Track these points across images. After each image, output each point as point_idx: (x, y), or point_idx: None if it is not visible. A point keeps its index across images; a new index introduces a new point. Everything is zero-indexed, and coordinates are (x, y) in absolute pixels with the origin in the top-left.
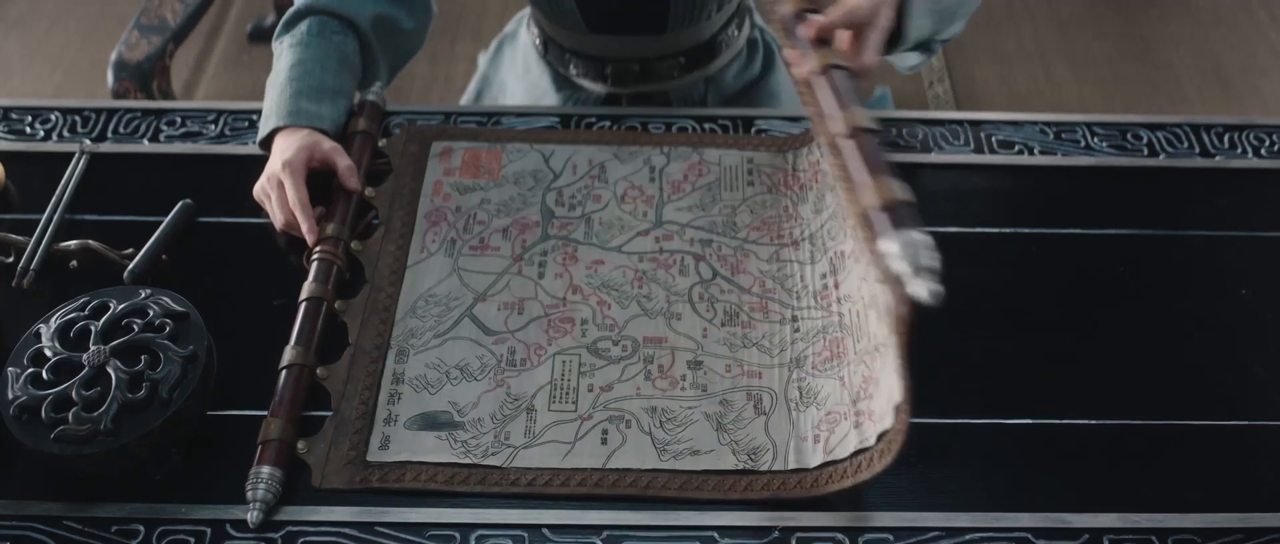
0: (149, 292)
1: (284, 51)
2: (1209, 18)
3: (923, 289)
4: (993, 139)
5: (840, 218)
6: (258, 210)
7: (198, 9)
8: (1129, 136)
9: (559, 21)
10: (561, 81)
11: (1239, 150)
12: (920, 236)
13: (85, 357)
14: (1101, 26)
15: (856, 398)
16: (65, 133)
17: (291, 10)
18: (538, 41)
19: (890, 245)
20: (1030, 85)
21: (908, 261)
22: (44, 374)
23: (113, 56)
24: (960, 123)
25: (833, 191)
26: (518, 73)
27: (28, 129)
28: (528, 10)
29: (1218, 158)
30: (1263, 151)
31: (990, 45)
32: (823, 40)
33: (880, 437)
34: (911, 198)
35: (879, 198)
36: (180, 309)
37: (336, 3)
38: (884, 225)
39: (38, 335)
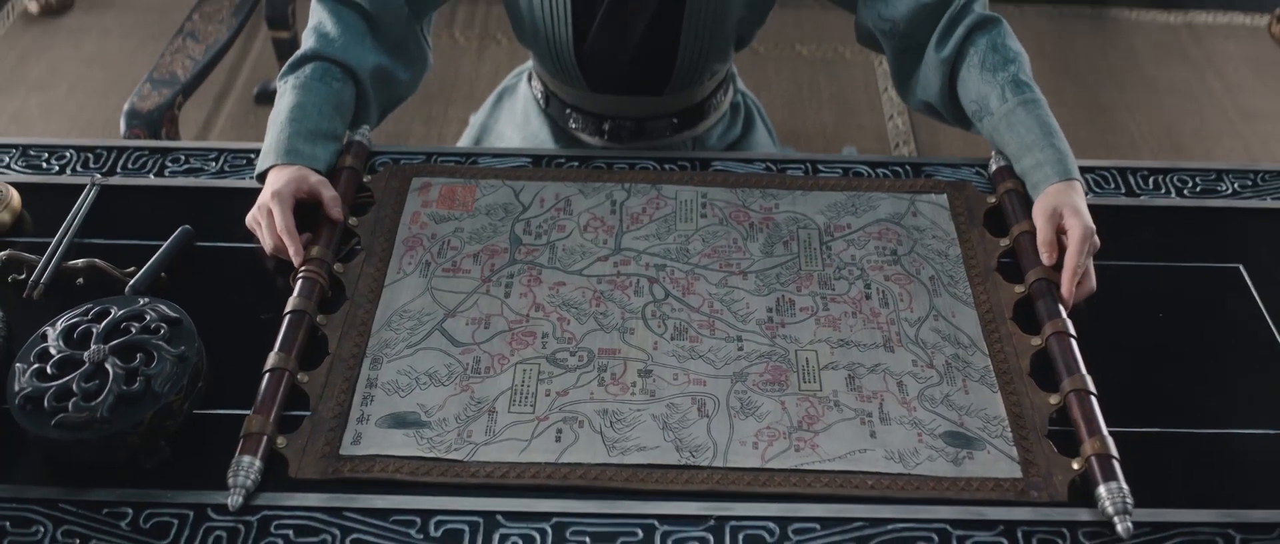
0: (147, 300)
1: (287, 91)
2: (1164, 86)
3: (1122, 527)
4: (934, 179)
5: (793, 276)
6: (251, 237)
7: (207, 65)
8: None
9: (562, 79)
10: (560, 134)
11: (1163, 190)
12: (1124, 487)
13: (86, 354)
14: (1061, 96)
15: (798, 427)
16: (78, 168)
17: (299, 52)
18: (540, 95)
19: (1102, 490)
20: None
21: (1112, 504)
22: (48, 369)
23: (125, 106)
24: (902, 164)
25: (786, 244)
26: (517, 123)
27: (44, 164)
28: (530, 64)
29: (1143, 197)
30: (1185, 192)
31: None
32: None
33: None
34: (1117, 454)
35: (1094, 450)
36: (174, 315)
37: (341, 52)
38: (1096, 474)
39: (44, 336)
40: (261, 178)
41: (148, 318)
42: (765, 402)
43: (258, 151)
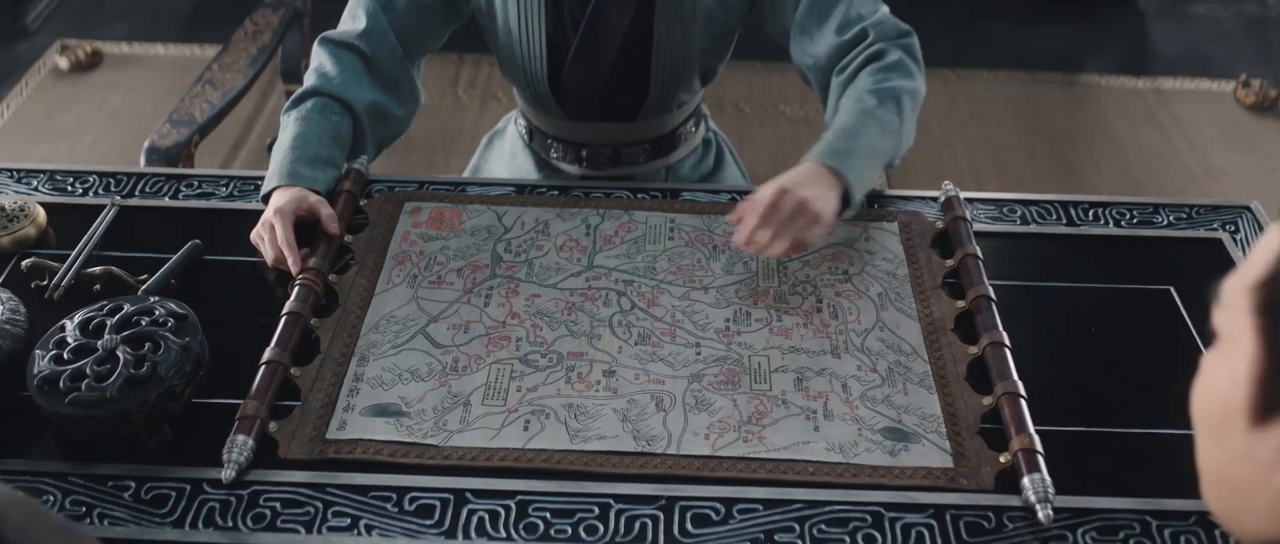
0: (157, 298)
1: (290, 123)
2: (1131, 146)
3: (1042, 515)
4: (887, 209)
5: (750, 291)
6: (256, 252)
7: (222, 109)
8: (1004, 209)
9: (541, 109)
10: (542, 164)
11: (1101, 221)
12: (1047, 478)
13: (100, 343)
14: (1031, 152)
15: (747, 422)
16: (100, 191)
17: (302, 88)
18: (524, 131)
19: (1026, 481)
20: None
21: (1034, 493)
22: (65, 355)
23: (146, 143)
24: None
25: (746, 264)
26: (505, 160)
27: (69, 187)
28: (517, 108)
29: (1082, 227)
30: (1122, 224)
31: (927, 167)
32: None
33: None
34: (1041, 449)
35: (1021, 446)
36: (180, 311)
37: (340, 88)
38: (1022, 466)
39: (62, 327)
40: (266, 199)
41: (157, 313)
42: (718, 399)
43: (263, 178)
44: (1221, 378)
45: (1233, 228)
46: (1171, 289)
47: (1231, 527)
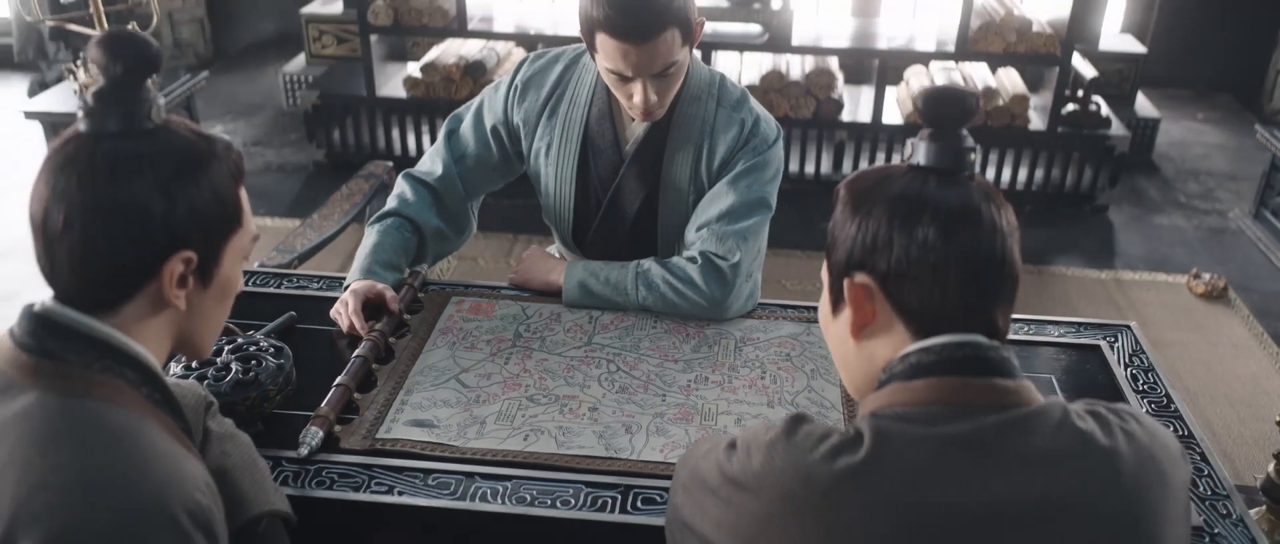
0: (262, 336)
1: (373, 233)
2: None
3: None
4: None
5: (711, 364)
6: (335, 326)
7: (318, 244)
8: None
9: (569, 250)
10: None
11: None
12: None
13: (218, 359)
14: None
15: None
16: None
17: (385, 208)
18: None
19: None
20: None
21: None
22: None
23: (257, 263)
24: (805, 307)
25: (711, 347)
26: None
27: None
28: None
29: None
30: (1018, 333)
31: None
32: None
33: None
34: None
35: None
36: (278, 345)
37: (413, 213)
38: None
39: None
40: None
41: (261, 344)
42: (675, 429)
43: (344, 278)
44: (823, 303)
45: (1113, 338)
46: (1052, 378)
47: (855, 393)
